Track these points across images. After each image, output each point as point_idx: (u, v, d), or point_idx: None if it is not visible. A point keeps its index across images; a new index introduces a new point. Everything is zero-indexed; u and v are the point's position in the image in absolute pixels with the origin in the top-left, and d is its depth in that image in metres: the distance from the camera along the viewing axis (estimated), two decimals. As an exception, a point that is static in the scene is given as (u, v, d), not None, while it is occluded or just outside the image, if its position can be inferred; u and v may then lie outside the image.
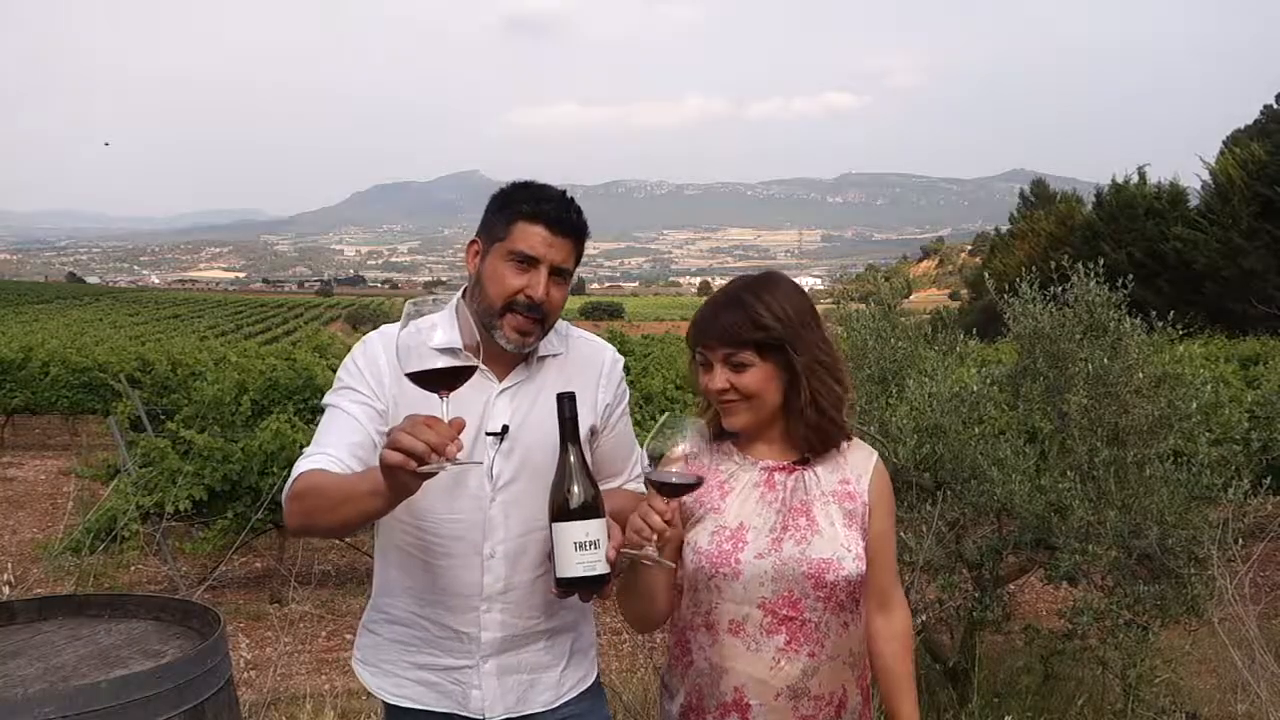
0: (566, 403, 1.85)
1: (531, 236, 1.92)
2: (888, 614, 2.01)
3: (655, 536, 1.76)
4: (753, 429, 1.95)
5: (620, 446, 2.14)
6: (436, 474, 1.55)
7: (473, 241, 2.01)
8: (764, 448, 1.97)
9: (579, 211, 1.99)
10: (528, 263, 1.92)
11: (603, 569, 1.78)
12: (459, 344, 1.95)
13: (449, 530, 1.96)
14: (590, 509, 1.80)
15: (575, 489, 1.80)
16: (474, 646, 1.97)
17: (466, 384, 1.74)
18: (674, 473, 1.77)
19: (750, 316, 1.86)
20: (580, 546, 1.78)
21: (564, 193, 1.99)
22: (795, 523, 1.89)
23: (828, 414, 1.91)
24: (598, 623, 2.22)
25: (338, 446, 1.86)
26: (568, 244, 1.95)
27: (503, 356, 1.99)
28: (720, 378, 1.89)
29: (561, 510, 1.80)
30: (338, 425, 1.90)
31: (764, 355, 1.87)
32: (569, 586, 1.80)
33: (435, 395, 1.66)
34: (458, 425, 1.58)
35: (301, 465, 1.86)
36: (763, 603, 1.87)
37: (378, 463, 1.59)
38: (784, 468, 1.95)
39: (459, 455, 1.54)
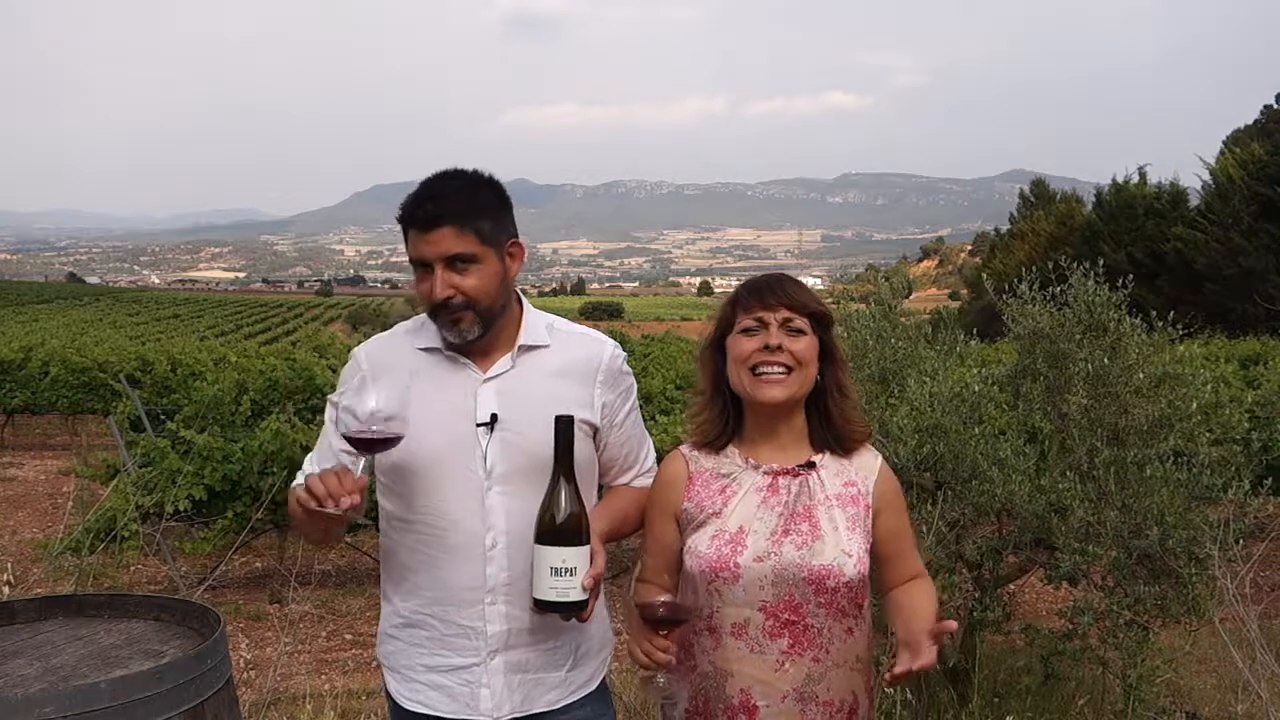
0: (563, 427, 1.86)
1: (414, 243, 1.94)
2: (905, 586, 1.98)
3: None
4: (779, 411, 1.92)
5: (630, 441, 2.12)
6: (336, 515, 1.80)
7: None
8: (770, 451, 1.95)
9: (446, 195, 1.93)
10: (424, 267, 1.94)
11: (576, 596, 1.81)
12: (439, 343, 2.02)
13: (448, 522, 1.96)
14: (571, 536, 1.81)
15: (559, 515, 1.82)
16: (481, 642, 1.97)
17: (453, 377, 1.99)
18: (660, 602, 1.82)
19: (809, 293, 1.93)
20: (556, 572, 1.80)
21: (436, 179, 1.96)
22: (798, 527, 1.88)
23: (848, 411, 1.94)
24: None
25: (316, 469, 2.07)
26: (445, 232, 1.91)
27: (484, 348, 2.00)
28: (778, 337, 1.88)
29: (543, 534, 1.82)
30: (319, 450, 2.12)
31: (814, 331, 1.91)
32: (544, 609, 1.84)
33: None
34: (361, 483, 1.82)
35: (296, 480, 2.08)
36: (764, 606, 1.86)
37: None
38: (789, 471, 1.93)
39: (348, 509, 1.78)
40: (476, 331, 1.95)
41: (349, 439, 1.82)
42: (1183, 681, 4.44)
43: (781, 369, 1.87)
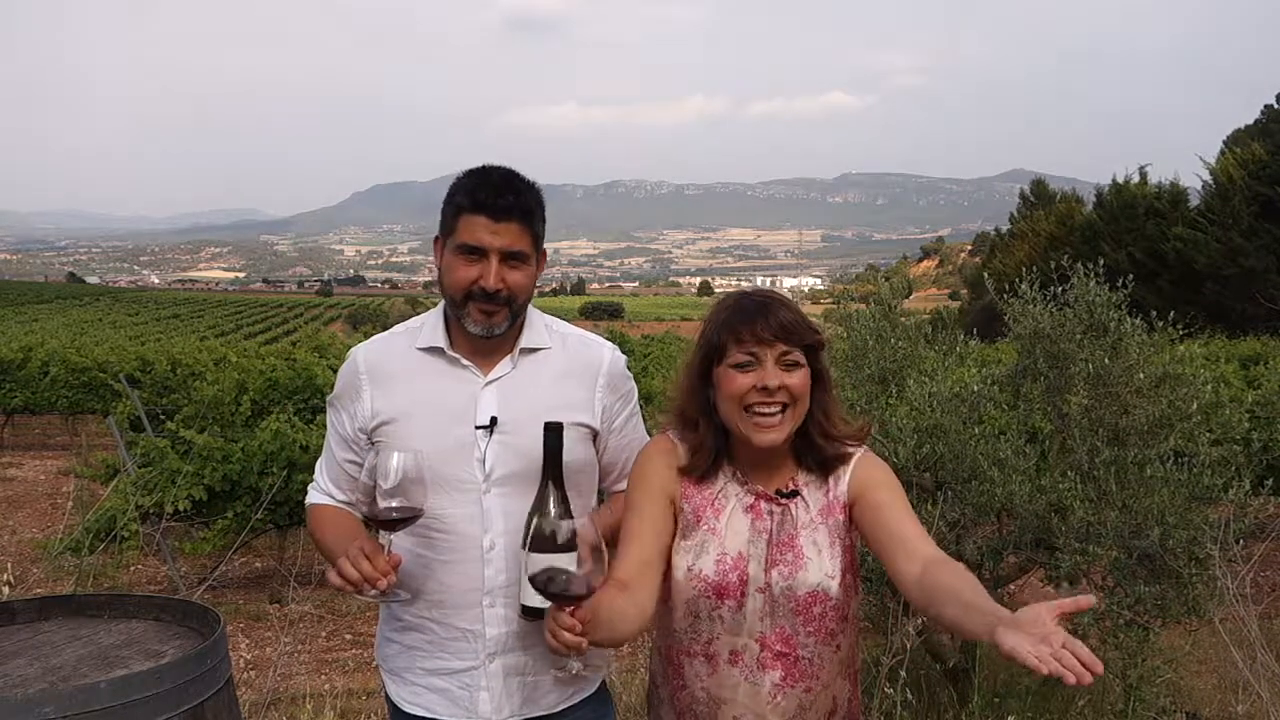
0: (552, 435, 1.85)
1: (475, 228, 1.91)
2: (933, 574, 1.70)
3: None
4: (781, 445, 1.82)
5: (630, 445, 2.11)
6: (374, 599, 1.83)
7: (436, 238, 2.03)
8: (758, 472, 1.89)
9: (521, 191, 1.94)
10: (476, 254, 1.92)
11: None
12: (442, 343, 2.00)
13: (447, 525, 1.96)
14: (560, 544, 1.78)
15: (547, 522, 1.80)
16: (480, 645, 1.97)
17: (453, 380, 2.00)
18: (561, 570, 1.63)
19: (802, 319, 1.82)
20: None
21: (507, 174, 1.97)
22: (783, 557, 1.85)
23: (831, 432, 1.87)
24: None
25: (327, 483, 2.12)
26: (513, 227, 1.92)
27: (487, 350, 2.00)
28: (775, 375, 1.77)
29: (532, 541, 1.79)
30: (326, 459, 2.14)
31: (808, 360, 1.83)
32: (532, 615, 1.82)
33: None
34: (394, 560, 1.81)
35: (310, 495, 2.15)
36: (760, 637, 1.85)
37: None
38: (771, 498, 1.88)
39: (389, 587, 1.79)
40: (504, 326, 1.96)
41: (371, 520, 1.82)
42: (1183, 681, 4.44)
43: (778, 409, 1.78)
